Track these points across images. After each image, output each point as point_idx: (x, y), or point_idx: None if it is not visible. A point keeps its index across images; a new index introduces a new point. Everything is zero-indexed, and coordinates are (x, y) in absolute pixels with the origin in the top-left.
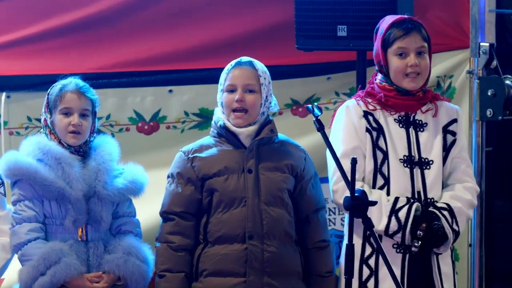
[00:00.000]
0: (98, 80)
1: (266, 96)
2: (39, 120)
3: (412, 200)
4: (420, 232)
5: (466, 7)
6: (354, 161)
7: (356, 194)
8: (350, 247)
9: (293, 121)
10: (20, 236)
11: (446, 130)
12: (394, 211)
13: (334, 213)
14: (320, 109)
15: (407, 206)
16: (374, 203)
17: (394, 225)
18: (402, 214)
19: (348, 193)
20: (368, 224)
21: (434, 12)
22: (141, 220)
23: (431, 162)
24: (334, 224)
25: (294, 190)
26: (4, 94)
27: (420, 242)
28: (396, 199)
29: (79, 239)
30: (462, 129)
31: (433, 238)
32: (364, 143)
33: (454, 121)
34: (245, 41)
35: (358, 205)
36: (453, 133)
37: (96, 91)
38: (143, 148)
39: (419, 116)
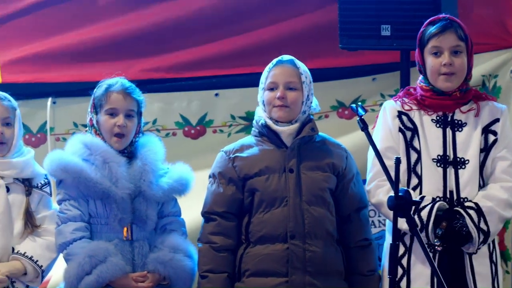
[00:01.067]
0: (144, 84)
1: (308, 95)
2: (85, 125)
3: (437, 200)
4: (440, 231)
5: (510, 7)
6: (398, 161)
7: (400, 194)
8: (394, 246)
9: (339, 123)
10: (65, 235)
11: (487, 130)
12: (417, 210)
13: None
14: (364, 109)
15: (429, 205)
16: (418, 202)
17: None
18: (424, 213)
19: (379, 192)
20: (412, 223)
21: (478, 12)
22: (187, 222)
23: (466, 162)
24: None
25: (336, 189)
26: (50, 100)
27: (440, 240)
28: (422, 198)
29: (124, 239)
30: (508, 128)
31: (454, 237)
32: (398, 143)
33: (496, 120)
34: (291, 43)
35: (401, 204)
36: (494, 133)
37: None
38: (190, 153)
39: (459, 116)
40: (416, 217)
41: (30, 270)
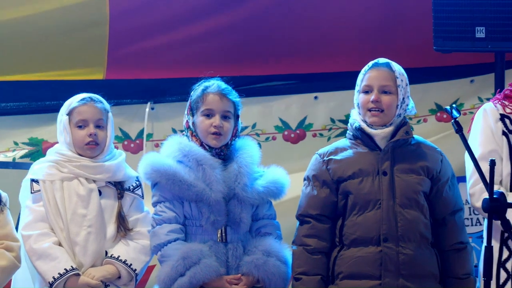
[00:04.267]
0: (242, 86)
1: (403, 98)
2: (183, 131)
3: None
4: None
5: None
6: (492, 163)
7: (495, 196)
8: (489, 249)
9: (438, 127)
10: (160, 237)
11: None
12: None
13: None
14: (458, 111)
15: None
16: None
17: None
18: None
19: (484, 196)
20: (507, 226)
21: None
22: (282, 225)
23: None
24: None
25: (430, 192)
26: (148, 105)
27: None
28: None
29: (219, 241)
30: None
31: None
32: (501, 146)
33: None
34: (388, 43)
35: (496, 206)
36: None
37: (241, 99)
38: (290, 157)
39: None
40: None
41: (124, 274)
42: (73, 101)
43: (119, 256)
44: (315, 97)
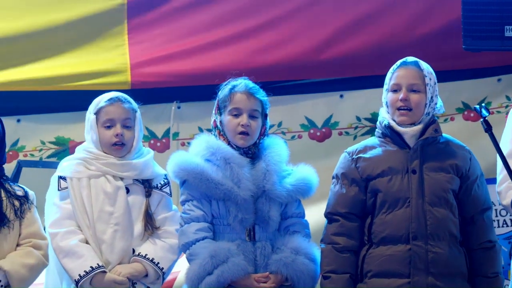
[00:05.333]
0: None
1: (431, 97)
2: (210, 130)
3: None
4: None
5: None
6: None
7: None
8: None
9: (465, 126)
10: (188, 236)
11: None
12: None
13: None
14: (487, 110)
15: None
16: None
17: None
18: None
19: (511, 195)
20: None
21: None
22: (310, 223)
23: None
24: None
25: (459, 191)
26: (174, 104)
27: None
28: None
29: (247, 239)
30: None
31: None
32: None
33: None
34: (415, 43)
35: None
36: None
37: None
38: (316, 155)
39: None
40: None
41: (151, 272)
42: (101, 100)
43: (146, 255)
44: (341, 96)
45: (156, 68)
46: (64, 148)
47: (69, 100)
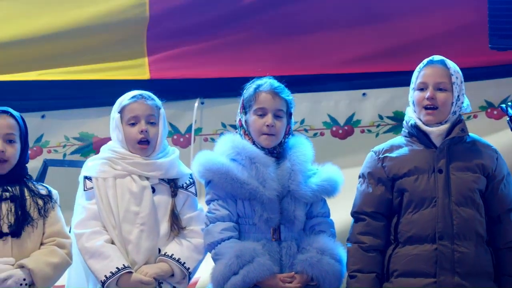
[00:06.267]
0: (292, 85)
1: (458, 96)
2: (233, 126)
3: None
4: None
5: None
6: None
7: None
8: None
9: (488, 123)
10: (214, 235)
11: None
12: None
13: None
14: None
15: None
16: None
17: None
18: None
19: None
20: None
21: None
22: (334, 220)
23: None
24: None
25: (486, 190)
26: (197, 101)
27: None
28: None
29: (272, 239)
30: None
31: None
32: None
33: None
34: (439, 41)
35: None
36: None
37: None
38: (337, 153)
39: None
40: None
41: (177, 272)
42: (124, 98)
43: (172, 255)
44: (363, 94)
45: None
46: (88, 143)
47: (93, 96)
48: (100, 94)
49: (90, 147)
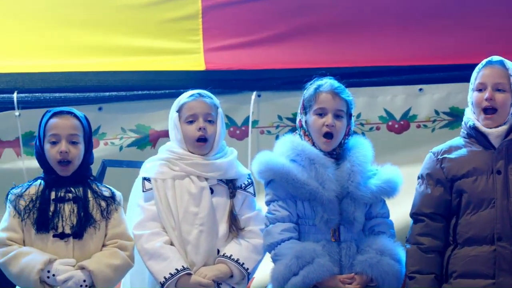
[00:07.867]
0: (349, 79)
1: None
2: (289, 119)
3: None
4: None
5: None
6: None
7: None
8: None
9: None
10: (274, 236)
11: None
12: None
13: None
14: None
15: None
16: None
17: None
18: None
19: None
20: None
21: None
22: (393, 220)
23: None
24: None
25: None
26: (254, 94)
27: None
28: None
29: (332, 240)
30: None
31: None
32: None
33: None
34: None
35: None
36: None
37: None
38: (393, 147)
39: None
40: None
41: (236, 273)
42: (182, 97)
43: (231, 255)
44: (420, 89)
45: (231, 54)
46: (144, 136)
47: (149, 88)
48: (156, 85)
49: (147, 139)
